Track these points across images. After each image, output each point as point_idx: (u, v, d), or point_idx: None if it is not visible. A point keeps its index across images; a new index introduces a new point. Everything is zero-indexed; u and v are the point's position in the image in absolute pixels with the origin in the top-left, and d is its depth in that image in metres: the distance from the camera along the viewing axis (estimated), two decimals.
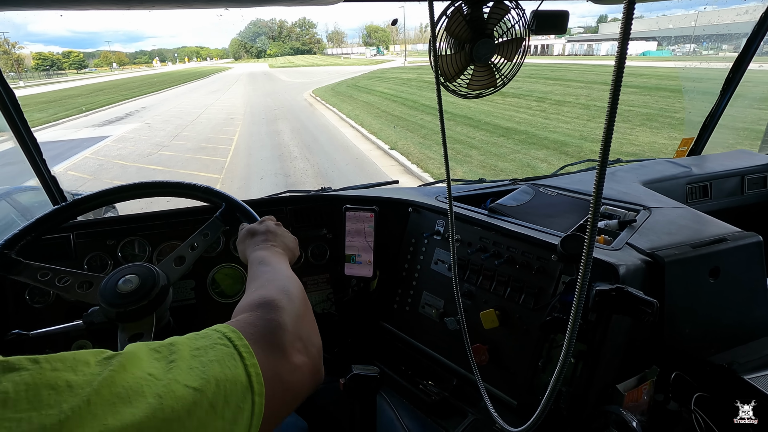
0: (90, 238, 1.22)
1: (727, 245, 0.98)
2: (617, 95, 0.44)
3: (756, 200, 1.72)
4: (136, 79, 42.80)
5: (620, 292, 0.75)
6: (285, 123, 12.59)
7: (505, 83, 0.99)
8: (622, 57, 0.42)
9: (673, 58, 21.92)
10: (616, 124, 0.46)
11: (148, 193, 1.05)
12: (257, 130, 11.82)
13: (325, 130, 11.25)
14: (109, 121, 15.23)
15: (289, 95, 20.68)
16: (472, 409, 0.98)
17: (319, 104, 16.53)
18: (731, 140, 2.74)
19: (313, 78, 30.74)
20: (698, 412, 0.87)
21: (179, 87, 30.74)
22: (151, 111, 17.61)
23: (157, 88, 30.01)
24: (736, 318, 1.02)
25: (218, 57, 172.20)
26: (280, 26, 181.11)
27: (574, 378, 0.87)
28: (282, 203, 1.37)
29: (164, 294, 0.84)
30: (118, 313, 0.79)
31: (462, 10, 0.85)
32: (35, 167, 1.22)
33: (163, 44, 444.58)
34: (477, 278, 1.08)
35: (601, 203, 0.50)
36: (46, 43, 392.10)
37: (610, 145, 0.46)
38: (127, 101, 21.66)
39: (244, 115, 15.04)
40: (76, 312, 1.19)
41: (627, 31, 0.42)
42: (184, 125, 13.29)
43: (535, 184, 1.40)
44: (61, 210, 0.99)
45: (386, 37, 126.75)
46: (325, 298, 1.37)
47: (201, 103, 19.15)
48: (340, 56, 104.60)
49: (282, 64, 69.48)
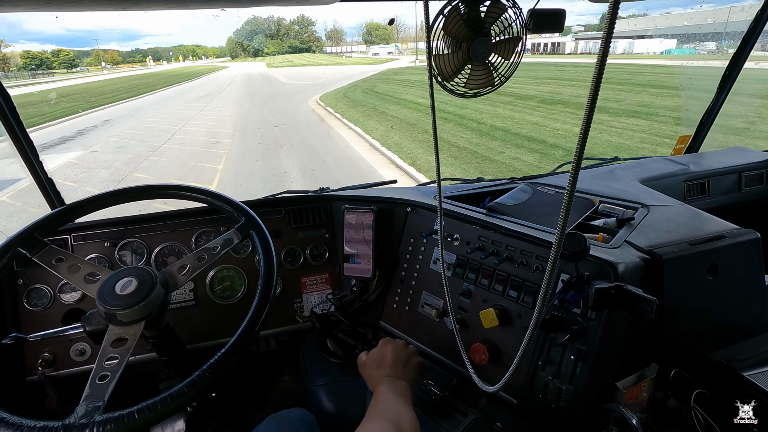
0: (87, 240, 1.22)
1: (725, 242, 0.98)
2: (597, 93, 0.43)
3: (753, 197, 1.72)
4: (118, 81, 37.32)
5: (619, 290, 0.75)
6: (290, 154, 8.64)
7: (502, 82, 0.99)
8: (604, 54, 0.42)
9: (698, 56, 20.94)
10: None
11: (176, 194, 1.05)
12: (248, 168, 7.80)
13: (356, 170, 7.33)
14: (45, 145, 10.61)
15: (292, 103, 16.63)
16: (473, 408, 0.98)
17: (333, 119, 12.49)
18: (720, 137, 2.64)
19: (316, 80, 26.72)
20: (698, 409, 0.87)
21: (162, 91, 25.90)
22: (110, 128, 13.09)
23: (135, 92, 24.69)
24: (734, 315, 1.02)
25: (214, 56, 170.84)
26: (278, 24, 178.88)
27: (574, 376, 0.87)
28: (280, 204, 1.37)
29: (158, 302, 0.82)
30: (107, 314, 0.78)
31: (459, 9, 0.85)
32: (31, 169, 1.22)
33: (160, 43, 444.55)
34: (476, 277, 1.08)
35: (573, 197, 0.52)
36: (42, 42, 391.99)
37: (586, 143, 0.47)
38: (88, 112, 16.89)
39: (232, 136, 10.82)
40: (74, 315, 1.19)
41: (611, 29, 0.42)
42: (145, 154, 9.33)
43: (533, 183, 1.40)
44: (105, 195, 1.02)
45: (387, 35, 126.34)
46: (325, 298, 1.36)
47: (180, 116, 14.70)
48: (341, 55, 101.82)
49: (280, 63, 65.57)
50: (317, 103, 15.78)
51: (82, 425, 0.62)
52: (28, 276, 1.18)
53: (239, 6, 0.99)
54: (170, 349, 0.98)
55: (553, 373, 0.90)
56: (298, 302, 1.35)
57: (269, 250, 0.93)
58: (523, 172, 6.44)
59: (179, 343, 1.00)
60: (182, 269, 0.90)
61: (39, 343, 1.16)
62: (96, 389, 0.68)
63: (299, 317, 1.35)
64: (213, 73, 44.11)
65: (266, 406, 1.42)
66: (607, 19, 0.43)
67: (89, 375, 0.70)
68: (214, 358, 0.73)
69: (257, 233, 0.96)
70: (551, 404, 0.89)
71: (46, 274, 1.18)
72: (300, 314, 1.35)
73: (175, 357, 1.00)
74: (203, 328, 1.25)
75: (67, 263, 0.88)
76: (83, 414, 0.64)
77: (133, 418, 0.63)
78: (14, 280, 1.17)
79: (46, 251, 0.89)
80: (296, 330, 1.35)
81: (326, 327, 1.26)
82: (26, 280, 1.17)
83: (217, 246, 0.94)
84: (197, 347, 1.23)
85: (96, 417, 0.63)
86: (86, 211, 1.03)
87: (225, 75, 40.36)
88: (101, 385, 0.69)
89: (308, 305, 1.36)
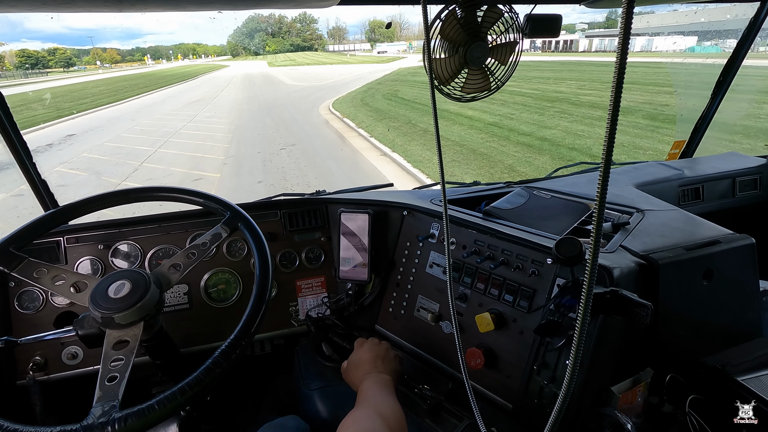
0: (81, 242, 1.21)
1: (720, 247, 0.98)
2: (619, 97, 0.41)
3: (747, 202, 1.73)
4: (104, 83, 33.49)
5: (615, 294, 0.75)
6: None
7: (499, 86, 0.99)
8: (623, 56, 0.40)
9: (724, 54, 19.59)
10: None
11: (156, 197, 1.04)
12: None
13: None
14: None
15: (300, 111, 13.56)
16: (468, 413, 0.98)
17: (356, 136, 9.49)
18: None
19: (323, 81, 23.73)
20: (693, 414, 0.88)
21: (151, 94, 22.62)
22: (67, 149, 9.84)
23: (118, 96, 21.19)
24: (729, 320, 1.02)
25: (215, 54, 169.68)
26: (280, 22, 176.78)
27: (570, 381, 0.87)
28: (276, 206, 1.36)
29: (154, 302, 0.82)
30: (104, 318, 0.77)
31: (456, 14, 0.86)
32: (25, 171, 1.21)
33: (161, 41, 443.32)
34: (472, 281, 1.07)
35: (605, 208, 0.46)
36: (44, 41, 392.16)
37: (613, 148, 0.43)
38: (51, 124, 13.44)
39: (223, 165, 7.91)
40: (67, 318, 1.17)
41: (627, 31, 0.41)
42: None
43: (529, 187, 1.40)
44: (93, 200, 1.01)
45: (391, 33, 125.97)
46: (320, 302, 1.36)
47: (162, 130, 11.62)
48: (346, 53, 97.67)
49: (282, 62, 61.46)
50: (330, 112, 12.78)
51: (102, 424, 0.61)
52: (20, 278, 1.16)
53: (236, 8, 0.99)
54: (164, 353, 0.97)
55: (548, 378, 0.89)
56: (294, 306, 1.35)
57: (261, 242, 0.93)
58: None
59: (173, 347, 0.99)
60: (173, 268, 0.89)
61: (30, 347, 1.15)
62: (107, 390, 0.68)
63: (294, 321, 1.34)
64: (210, 73, 40.81)
65: (261, 410, 1.41)
66: (622, 20, 0.40)
67: (82, 378, 0.70)
68: (225, 344, 0.74)
69: (245, 225, 0.96)
70: (546, 409, 0.89)
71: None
72: (295, 318, 1.34)
73: (169, 361, 0.99)
74: (197, 331, 1.24)
75: (50, 274, 0.87)
76: (101, 414, 0.63)
77: (153, 409, 0.63)
78: (5, 282, 1.15)
79: (24, 265, 0.88)
80: (291, 334, 1.34)
81: (321, 331, 1.25)
82: (18, 282, 1.16)
83: (206, 242, 0.94)
84: (191, 351, 1.22)
85: (114, 414, 0.63)
86: (77, 214, 1.02)
87: (223, 75, 37.26)
88: (112, 385, 0.69)
89: (303, 309, 1.35)
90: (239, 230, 0.97)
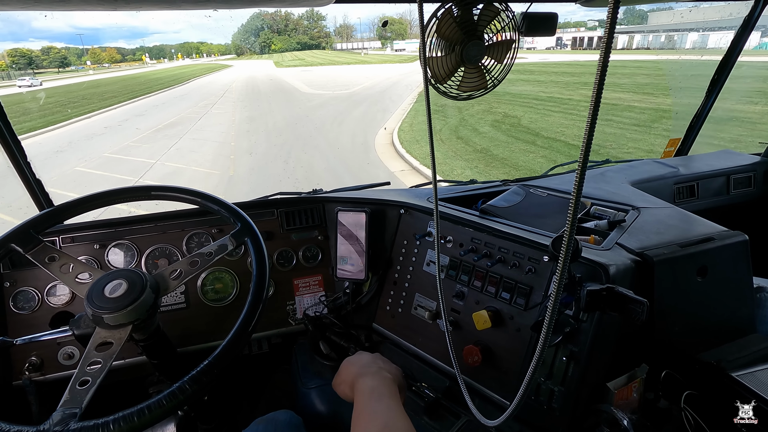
0: (76, 242, 1.20)
1: (714, 244, 0.99)
2: (600, 95, 0.43)
3: (741, 200, 1.75)
4: (73, 88, 26.73)
5: (611, 291, 0.75)
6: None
7: (495, 85, 0.99)
8: (606, 54, 0.41)
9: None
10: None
11: (167, 196, 1.03)
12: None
13: None
14: None
15: (345, 156, 7.94)
16: (466, 410, 0.98)
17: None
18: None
19: (349, 87, 17.50)
20: (688, 410, 0.88)
21: (114, 109, 16.92)
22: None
23: (66, 116, 14.88)
24: (723, 316, 1.03)
25: (219, 53, 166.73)
26: (286, 19, 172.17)
27: (566, 377, 0.87)
28: (273, 205, 1.36)
29: (146, 307, 0.80)
30: (95, 316, 0.77)
31: (452, 12, 0.86)
32: (19, 171, 1.20)
33: (167, 40, 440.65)
34: (469, 279, 1.08)
35: (580, 203, 0.50)
36: (51, 40, 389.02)
37: (591, 147, 0.46)
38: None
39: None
40: (63, 318, 1.17)
41: (611, 31, 0.42)
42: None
43: (526, 185, 1.41)
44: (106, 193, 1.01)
45: (403, 30, 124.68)
46: (317, 300, 1.36)
47: (87, 186, 6.07)
48: (360, 52, 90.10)
49: (291, 61, 55.59)
50: (402, 159, 7.15)
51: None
52: (15, 278, 1.16)
53: (231, 6, 0.99)
54: (161, 353, 0.97)
55: (545, 375, 0.90)
56: (291, 304, 1.35)
57: (263, 259, 0.91)
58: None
59: (170, 347, 0.99)
60: (174, 273, 0.88)
61: (26, 347, 1.14)
62: (75, 395, 0.67)
63: (292, 319, 1.34)
64: (208, 76, 33.68)
65: (258, 409, 1.41)
66: (607, 20, 0.42)
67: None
68: (196, 370, 0.70)
69: (252, 241, 0.94)
70: (543, 405, 0.90)
71: (33, 277, 1.16)
72: (293, 316, 1.34)
73: (166, 360, 0.99)
74: (194, 330, 1.24)
75: (59, 262, 0.87)
76: (58, 420, 0.63)
77: (107, 428, 0.62)
78: (0, 282, 1.15)
79: (39, 248, 0.88)
80: (289, 332, 1.34)
81: (319, 329, 1.25)
82: (13, 282, 1.15)
83: (211, 252, 0.92)
84: (188, 350, 1.22)
85: (71, 425, 0.62)
86: (78, 211, 1.01)
87: (221, 79, 29.55)
88: (81, 390, 0.68)
89: (301, 307, 1.35)
90: (245, 244, 0.95)
